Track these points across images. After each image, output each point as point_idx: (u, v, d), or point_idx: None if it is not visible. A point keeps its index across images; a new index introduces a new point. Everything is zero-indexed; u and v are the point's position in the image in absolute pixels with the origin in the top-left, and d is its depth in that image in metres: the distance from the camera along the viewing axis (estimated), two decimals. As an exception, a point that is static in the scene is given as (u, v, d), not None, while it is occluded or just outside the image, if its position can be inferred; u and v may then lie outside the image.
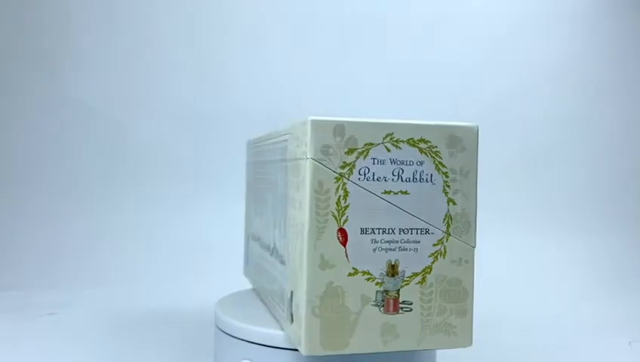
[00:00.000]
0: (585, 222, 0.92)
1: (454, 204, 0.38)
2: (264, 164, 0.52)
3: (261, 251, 0.52)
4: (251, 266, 0.58)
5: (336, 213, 0.36)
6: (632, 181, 0.94)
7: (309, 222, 0.36)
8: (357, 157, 0.37)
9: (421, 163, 0.38)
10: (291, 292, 0.39)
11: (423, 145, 0.38)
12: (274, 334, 0.42)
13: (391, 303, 0.37)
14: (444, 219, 0.38)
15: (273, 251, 0.47)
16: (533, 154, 0.97)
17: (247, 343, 0.43)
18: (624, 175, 0.95)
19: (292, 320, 0.39)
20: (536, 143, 0.97)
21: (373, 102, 0.99)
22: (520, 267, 0.81)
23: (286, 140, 0.42)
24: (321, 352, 0.36)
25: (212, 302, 0.52)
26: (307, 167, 0.36)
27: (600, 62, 0.98)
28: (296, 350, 0.40)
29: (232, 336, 0.45)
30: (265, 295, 0.50)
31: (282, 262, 0.43)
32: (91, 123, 0.98)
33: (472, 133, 0.38)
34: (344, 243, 0.36)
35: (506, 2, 1.01)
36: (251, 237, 0.58)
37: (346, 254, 0.36)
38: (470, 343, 0.39)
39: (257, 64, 0.99)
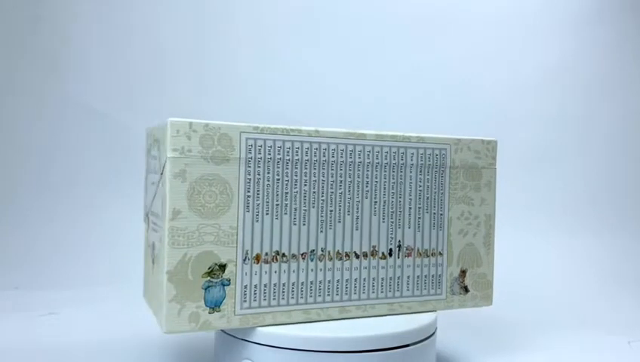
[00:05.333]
0: (584, 221, 0.93)
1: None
2: (325, 165, 0.44)
3: (329, 264, 0.43)
4: (271, 289, 0.43)
5: None
6: (632, 181, 0.95)
7: (494, 215, 0.51)
8: None
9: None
10: (462, 271, 0.49)
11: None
12: (274, 334, 0.42)
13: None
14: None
15: (392, 252, 0.46)
16: (532, 155, 0.97)
17: (247, 343, 0.43)
18: (624, 175, 0.95)
19: (467, 291, 0.49)
20: (537, 143, 0.97)
21: (373, 103, 0.99)
22: (519, 267, 0.79)
23: (444, 149, 0.48)
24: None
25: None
26: (494, 174, 0.51)
27: (600, 63, 0.98)
28: (297, 350, 0.42)
29: (233, 336, 0.44)
30: (342, 307, 0.46)
31: (429, 255, 0.48)
32: (93, 123, 0.98)
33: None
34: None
35: (506, 3, 1.01)
36: (276, 254, 0.42)
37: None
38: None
39: (259, 65, 0.99)
